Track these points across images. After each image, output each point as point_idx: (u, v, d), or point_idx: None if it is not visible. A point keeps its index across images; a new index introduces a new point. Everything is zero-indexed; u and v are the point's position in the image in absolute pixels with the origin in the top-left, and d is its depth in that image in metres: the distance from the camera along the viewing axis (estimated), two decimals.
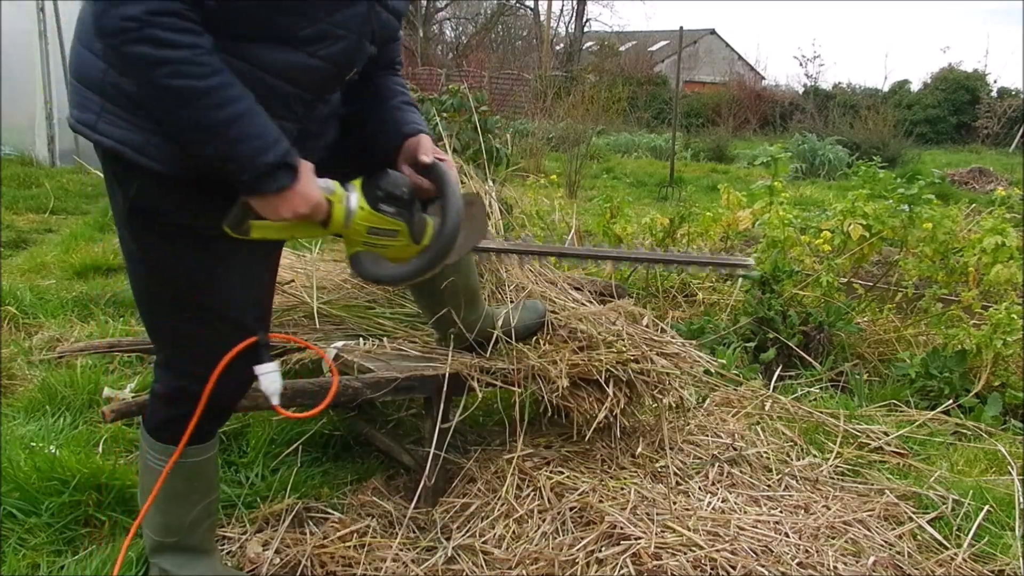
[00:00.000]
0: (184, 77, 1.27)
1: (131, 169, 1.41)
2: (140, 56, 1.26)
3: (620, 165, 11.84)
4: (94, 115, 1.41)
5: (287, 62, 1.40)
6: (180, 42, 1.27)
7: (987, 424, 2.85)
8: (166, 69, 1.26)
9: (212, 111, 1.30)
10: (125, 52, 1.26)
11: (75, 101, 1.45)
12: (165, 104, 1.30)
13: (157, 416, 1.61)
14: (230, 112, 1.31)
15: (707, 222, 4.21)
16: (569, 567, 1.85)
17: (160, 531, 1.69)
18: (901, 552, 2.02)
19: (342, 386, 2.01)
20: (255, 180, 1.37)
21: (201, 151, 1.35)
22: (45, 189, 6.38)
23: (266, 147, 1.35)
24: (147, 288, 1.55)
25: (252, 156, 1.34)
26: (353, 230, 1.53)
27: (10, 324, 3.30)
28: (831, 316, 3.47)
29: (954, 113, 20.96)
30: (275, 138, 1.37)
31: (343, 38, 1.44)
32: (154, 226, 1.46)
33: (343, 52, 1.46)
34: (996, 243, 3.36)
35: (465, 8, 30.59)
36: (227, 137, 1.32)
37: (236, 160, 1.34)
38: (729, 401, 2.87)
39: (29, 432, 2.36)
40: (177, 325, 1.54)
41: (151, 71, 1.27)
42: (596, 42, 28.44)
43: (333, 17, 1.41)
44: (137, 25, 1.24)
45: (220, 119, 1.31)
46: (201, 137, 1.32)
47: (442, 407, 2.12)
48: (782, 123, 19.75)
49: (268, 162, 1.35)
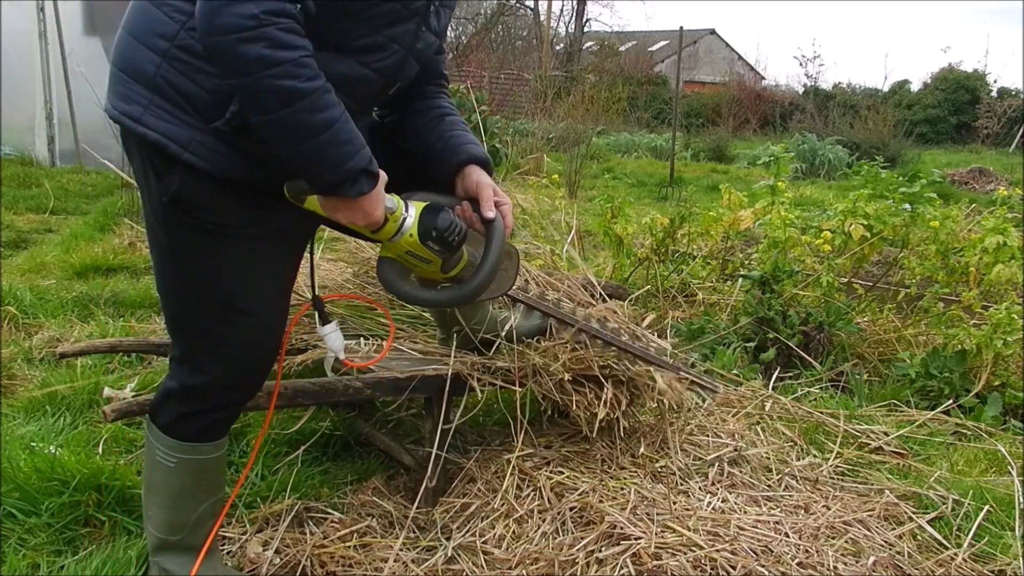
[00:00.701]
0: (292, 78, 1.29)
1: (172, 163, 1.43)
2: (255, 56, 1.27)
3: (620, 165, 11.84)
4: (141, 107, 1.41)
5: (344, 72, 1.44)
6: (293, 43, 1.30)
7: (987, 424, 2.85)
8: (277, 70, 1.28)
9: (311, 113, 1.33)
10: (239, 51, 1.27)
11: (119, 92, 1.45)
12: (266, 103, 1.31)
13: (169, 413, 1.62)
14: (327, 116, 1.34)
15: (708, 222, 4.21)
16: (569, 567, 1.85)
17: (164, 529, 1.69)
18: (901, 552, 2.02)
19: (342, 385, 2.02)
20: (339, 182, 1.39)
21: (289, 150, 1.36)
22: (45, 189, 6.38)
23: (355, 152, 1.39)
24: (173, 282, 1.56)
25: (343, 160, 1.37)
26: (395, 245, 1.57)
27: (10, 324, 3.30)
28: (831, 316, 3.47)
29: (954, 113, 20.97)
30: (363, 144, 1.41)
31: (395, 52, 1.50)
32: (188, 221, 1.47)
33: (393, 66, 1.51)
34: (998, 243, 3.36)
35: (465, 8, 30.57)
36: (322, 140, 1.35)
37: (325, 161, 1.36)
38: (729, 401, 2.87)
39: (29, 432, 2.36)
40: (200, 321, 1.56)
41: (263, 70, 1.28)
42: (596, 42, 28.44)
43: (390, 30, 1.47)
44: (255, 24, 1.26)
45: (317, 122, 1.33)
46: (295, 137, 1.34)
47: (444, 407, 2.12)
48: (782, 123, 19.75)
49: (356, 167, 1.39)
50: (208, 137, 1.41)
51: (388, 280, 1.62)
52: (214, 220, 1.48)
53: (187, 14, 1.37)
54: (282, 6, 1.28)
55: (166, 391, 1.62)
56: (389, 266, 1.62)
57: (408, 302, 1.68)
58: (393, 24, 1.46)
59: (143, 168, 1.48)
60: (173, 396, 1.61)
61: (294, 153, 1.36)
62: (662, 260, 4.16)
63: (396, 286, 1.63)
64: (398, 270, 1.62)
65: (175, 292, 1.57)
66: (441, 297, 1.68)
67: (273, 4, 1.27)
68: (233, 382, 1.60)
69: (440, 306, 1.65)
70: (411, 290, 1.65)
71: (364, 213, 1.46)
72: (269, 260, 1.56)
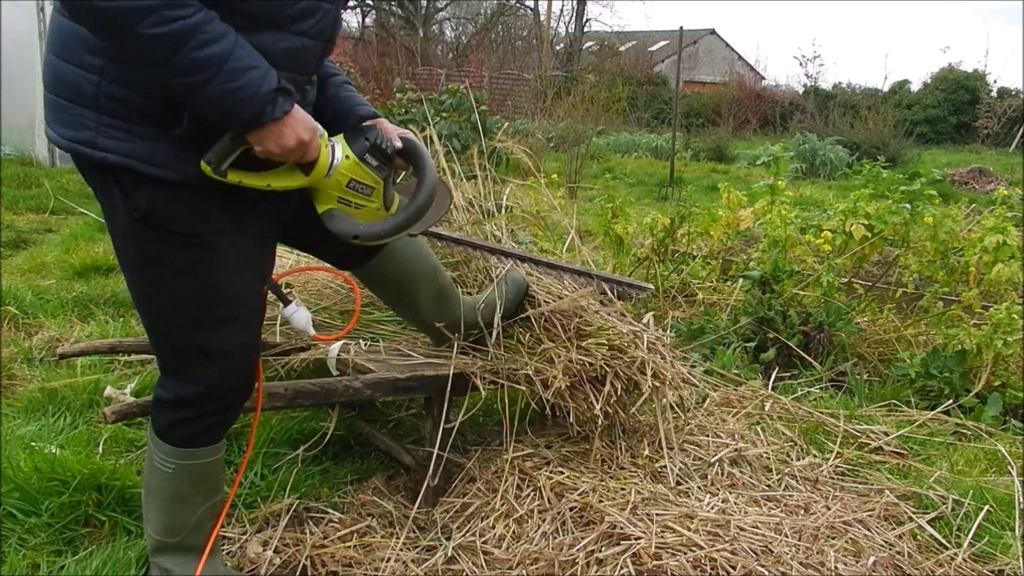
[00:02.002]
0: (169, 22, 1.22)
1: (138, 180, 1.38)
2: (120, 10, 1.20)
3: (620, 165, 11.84)
4: (91, 131, 1.36)
5: (286, 47, 1.39)
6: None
7: (987, 424, 2.85)
8: (151, 17, 1.21)
9: (205, 47, 1.26)
10: (107, 11, 1.21)
11: (61, 119, 1.39)
12: (155, 54, 1.24)
13: (164, 419, 1.61)
14: (224, 45, 1.27)
15: (707, 221, 4.21)
16: (569, 567, 1.85)
17: (163, 531, 1.69)
18: (901, 552, 2.02)
19: (342, 385, 2.02)
20: (260, 110, 1.33)
21: (202, 92, 1.28)
22: (45, 189, 6.37)
23: (264, 74, 1.32)
24: (151, 299, 1.53)
25: (255, 86, 1.31)
26: (333, 181, 1.52)
27: (10, 324, 3.30)
28: (831, 316, 3.47)
29: (954, 113, 20.96)
30: (267, 66, 1.34)
31: (326, 12, 1.44)
32: (160, 236, 1.44)
33: (328, 26, 1.46)
34: (997, 242, 3.36)
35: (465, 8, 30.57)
36: (226, 69, 1.28)
37: (238, 93, 1.29)
38: (729, 401, 2.87)
39: (29, 432, 2.36)
40: (182, 333, 1.54)
41: (136, 24, 1.21)
42: (596, 42, 28.42)
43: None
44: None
45: (215, 54, 1.27)
46: (201, 77, 1.27)
47: (445, 407, 2.12)
48: (782, 123, 19.75)
49: (270, 88, 1.32)
50: (169, 146, 1.37)
51: (341, 226, 1.57)
52: (186, 230, 1.45)
53: None
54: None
55: (158, 400, 1.61)
56: (336, 215, 1.56)
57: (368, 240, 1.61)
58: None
59: (105, 190, 1.43)
60: (166, 404, 1.60)
61: (203, 97, 1.28)
62: (662, 260, 4.16)
63: (351, 228, 1.57)
64: (345, 217, 1.57)
65: (154, 308, 1.54)
66: (396, 221, 1.62)
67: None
68: (224, 387, 1.59)
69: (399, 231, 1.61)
70: (367, 227, 1.59)
71: (304, 126, 1.40)
72: (246, 260, 1.54)
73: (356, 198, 1.57)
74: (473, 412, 2.28)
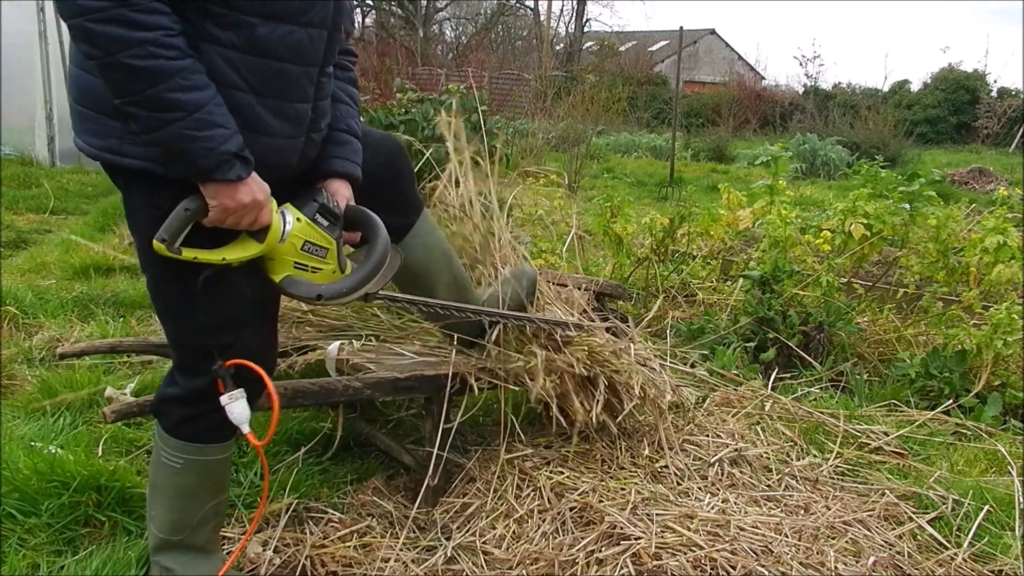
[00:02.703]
0: (152, 58, 1.27)
1: (159, 184, 1.43)
2: (111, 36, 1.25)
3: (620, 165, 11.84)
4: (116, 139, 1.42)
5: (288, 40, 1.43)
6: (150, 23, 1.27)
7: (987, 424, 2.85)
8: (136, 50, 1.26)
9: (180, 92, 1.30)
10: (95, 31, 1.25)
11: (89, 129, 1.45)
12: (129, 84, 1.29)
13: (175, 416, 1.63)
14: (197, 97, 1.32)
15: (707, 222, 4.21)
16: (569, 567, 1.85)
17: (167, 528, 1.69)
18: (901, 552, 2.02)
19: (343, 385, 2.02)
20: (216, 166, 1.36)
21: (163, 132, 1.33)
22: (45, 189, 6.37)
23: (229, 136, 1.37)
24: (174, 295, 1.55)
25: (218, 141, 1.35)
26: (287, 246, 1.53)
27: (10, 324, 3.30)
28: (831, 316, 3.47)
29: (954, 113, 20.95)
30: (235, 129, 1.38)
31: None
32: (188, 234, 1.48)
33: (328, 12, 1.49)
34: (998, 243, 3.36)
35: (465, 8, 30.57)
36: (192, 121, 1.32)
37: (199, 143, 1.33)
38: (729, 401, 2.87)
39: (29, 432, 2.36)
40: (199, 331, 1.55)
41: (120, 51, 1.26)
42: (596, 42, 28.42)
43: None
44: (109, 4, 1.24)
45: (187, 101, 1.31)
46: (168, 116, 1.31)
47: (445, 407, 2.12)
48: (782, 123, 19.75)
49: (231, 150, 1.37)
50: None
51: (303, 290, 1.57)
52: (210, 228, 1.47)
53: None
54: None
55: (169, 396, 1.63)
56: (295, 280, 1.57)
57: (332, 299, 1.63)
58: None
59: (129, 193, 1.49)
60: (176, 400, 1.62)
61: (163, 136, 1.33)
62: (662, 260, 4.16)
63: (312, 290, 1.58)
64: (302, 280, 1.57)
65: (171, 307, 1.57)
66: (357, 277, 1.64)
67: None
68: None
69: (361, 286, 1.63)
70: (327, 287, 1.60)
71: (259, 189, 1.43)
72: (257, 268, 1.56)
73: (312, 261, 1.57)
74: (473, 412, 2.28)
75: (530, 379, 2.16)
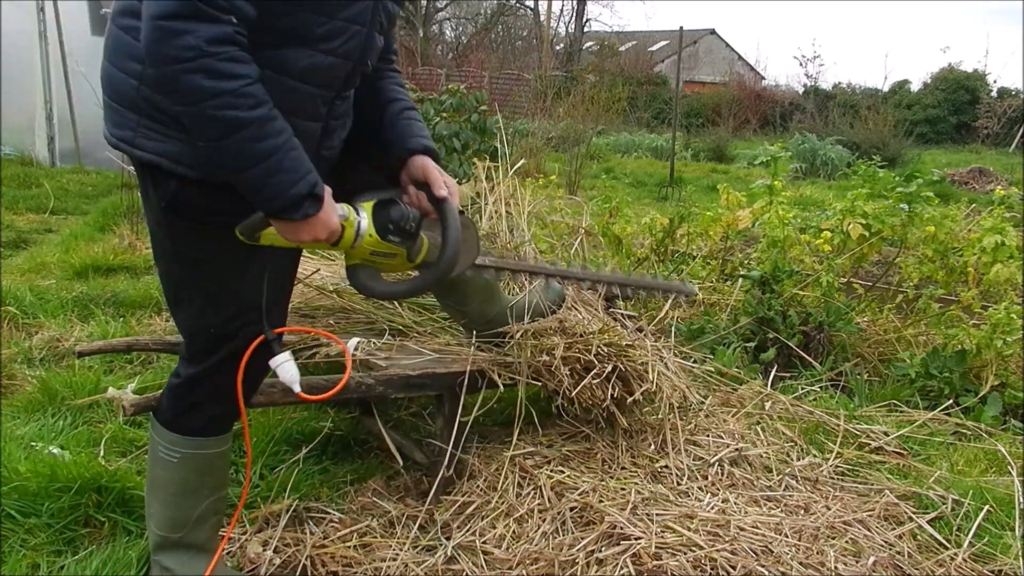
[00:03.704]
0: (233, 108, 1.32)
1: (168, 175, 1.47)
2: (196, 86, 1.29)
3: (620, 165, 11.85)
4: (131, 131, 1.47)
5: (308, 63, 1.46)
6: (234, 72, 1.31)
7: (987, 424, 2.85)
8: (218, 100, 1.30)
9: (253, 142, 1.35)
10: (181, 81, 1.29)
11: (111, 119, 1.50)
12: (209, 131, 1.34)
13: (175, 407, 1.64)
14: (270, 144, 1.36)
15: (706, 222, 4.21)
16: (569, 567, 1.85)
17: (166, 526, 1.70)
18: (901, 552, 2.02)
19: (355, 382, 2.03)
20: (283, 208, 1.41)
21: (235, 177, 1.39)
22: (45, 189, 6.37)
23: (298, 179, 1.40)
24: (179, 282, 1.60)
25: (285, 187, 1.39)
26: (358, 250, 1.60)
27: (10, 324, 3.30)
28: (831, 316, 3.47)
29: (954, 113, 20.96)
30: (307, 170, 1.42)
31: (356, 33, 1.50)
32: (188, 225, 1.52)
33: (356, 46, 1.52)
34: (996, 242, 3.36)
35: (465, 8, 30.57)
36: (264, 167, 1.37)
37: (268, 188, 1.39)
38: (729, 401, 2.87)
39: (29, 432, 2.36)
40: (205, 318, 1.59)
41: (204, 100, 1.30)
42: (596, 42, 28.44)
43: (346, 12, 1.46)
44: (195, 55, 1.27)
45: (259, 150, 1.36)
46: (238, 164, 1.37)
47: (461, 403, 2.15)
48: (782, 123, 19.75)
49: (299, 193, 1.41)
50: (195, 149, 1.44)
51: (363, 285, 1.67)
52: (211, 220, 1.51)
53: None
54: (222, 31, 1.29)
55: (171, 386, 1.65)
56: (360, 272, 1.66)
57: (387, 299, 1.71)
58: (348, 6, 1.46)
59: (143, 182, 1.54)
60: (178, 389, 1.64)
61: (238, 178, 1.39)
62: (662, 260, 4.16)
63: (372, 288, 1.67)
64: (369, 273, 1.66)
65: (182, 291, 1.60)
66: (416, 285, 1.72)
67: (213, 31, 1.28)
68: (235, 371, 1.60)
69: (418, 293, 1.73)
70: (386, 288, 1.69)
71: (318, 229, 1.48)
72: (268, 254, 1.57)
73: (379, 260, 1.64)
74: (489, 406, 2.29)
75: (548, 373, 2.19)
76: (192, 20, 1.27)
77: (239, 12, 1.31)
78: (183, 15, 1.26)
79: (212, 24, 1.28)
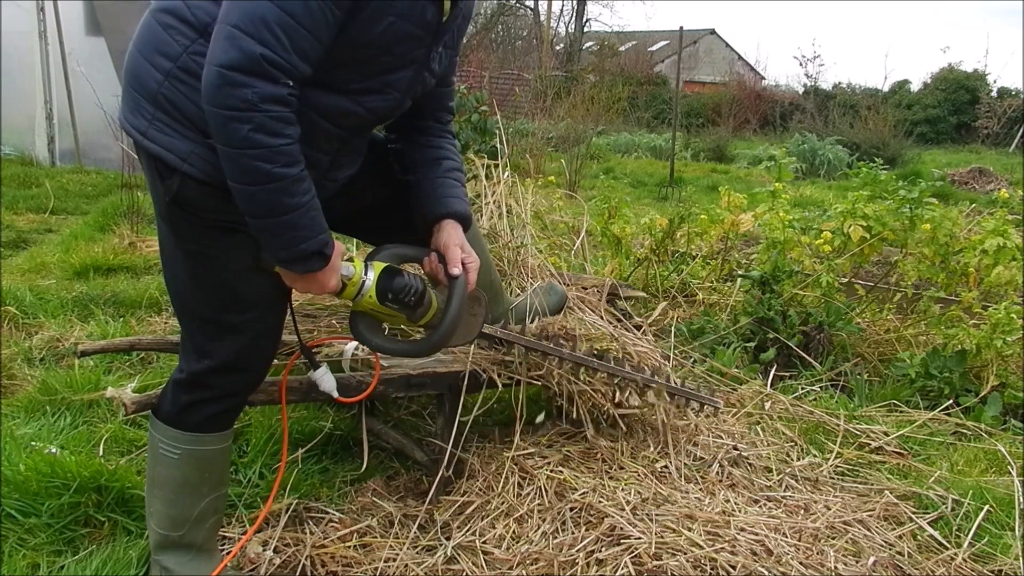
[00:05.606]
0: (268, 162, 1.37)
1: (173, 170, 1.50)
2: (242, 135, 1.35)
3: (620, 165, 11.84)
4: (146, 121, 1.49)
5: (334, 106, 1.52)
6: (279, 131, 1.37)
7: (987, 424, 2.85)
8: (257, 152, 1.36)
9: (280, 195, 1.41)
10: (229, 127, 1.35)
11: (128, 106, 1.53)
12: (243, 176, 1.39)
13: (175, 403, 1.65)
14: (295, 202, 1.43)
15: (705, 225, 4.20)
16: (569, 567, 1.85)
17: (166, 524, 1.70)
18: (901, 552, 2.02)
19: (356, 382, 2.03)
20: (290, 259, 1.49)
21: (251, 217, 1.44)
22: (45, 189, 6.37)
23: (311, 236, 1.47)
24: (181, 276, 1.61)
25: (297, 241, 1.46)
26: (359, 304, 1.67)
27: (10, 324, 3.30)
28: (831, 316, 3.47)
29: (954, 113, 20.95)
30: (322, 229, 1.49)
31: (391, 96, 1.57)
32: (190, 219, 1.54)
33: (388, 108, 1.60)
34: (998, 244, 3.35)
35: None
36: (283, 220, 1.43)
37: (281, 239, 1.45)
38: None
39: (29, 432, 2.36)
40: (205, 314, 1.60)
41: (245, 148, 1.36)
42: (596, 42, 28.40)
43: (386, 77, 1.54)
44: (248, 107, 1.33)
45: (284, 205, 1.42)
46: (261, 211, 1.42)
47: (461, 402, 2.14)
48: (782, 123, 19.74)
49: (308, 250, 1.47)
50: (206, 150, 1.46)
51: (361, 334, 1.72)
52: (214, 217, 1.52)
53: (190, 38, 1.44)
54: (277, 92, 1.35)
55: (173, 381, 1.66)
56: (361, 320, 1.71)
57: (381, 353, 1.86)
58: (389, 72, 1.53)
59: (150, 173, 1.55)
60: (178, 385, 1.65)
61: (255, 221, 1.44)
62: (661, 260, 4.16)
63: (368, 339, 1.73)
64: (369, 323, 1.72)
65: (184, 285, 1.61)
66: (410, 348, 1.81)
67: (271, 91, 1.34)
68: (235, 368, 1.62)
69: (409, 356, 1.85)
70: (382, 342, 1.76)
71: (314, 285, 1.55)
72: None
73: (381, 315, 1.71)
74: (487, 406, 2.29)
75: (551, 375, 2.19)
76: (253, 76, 1.33)
77: (297, 73, 1.37)
78: (246, 70, 1.32)
79: (270, 83, 1.34)
